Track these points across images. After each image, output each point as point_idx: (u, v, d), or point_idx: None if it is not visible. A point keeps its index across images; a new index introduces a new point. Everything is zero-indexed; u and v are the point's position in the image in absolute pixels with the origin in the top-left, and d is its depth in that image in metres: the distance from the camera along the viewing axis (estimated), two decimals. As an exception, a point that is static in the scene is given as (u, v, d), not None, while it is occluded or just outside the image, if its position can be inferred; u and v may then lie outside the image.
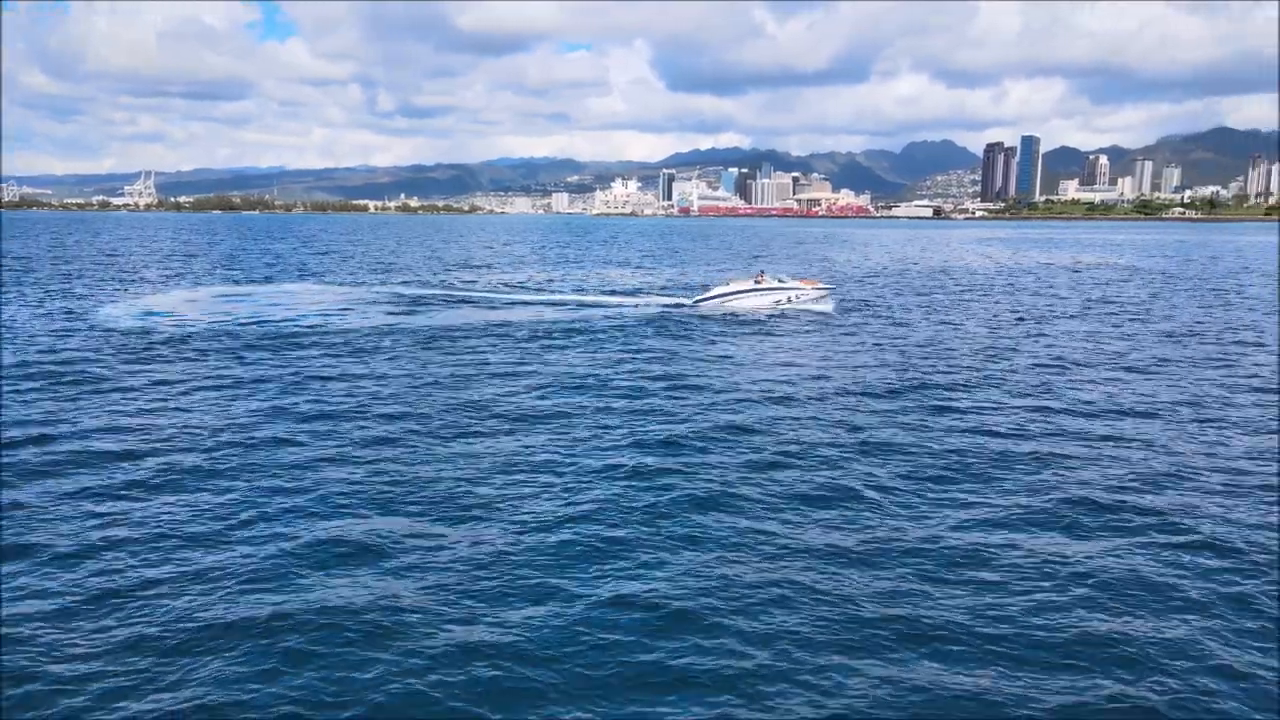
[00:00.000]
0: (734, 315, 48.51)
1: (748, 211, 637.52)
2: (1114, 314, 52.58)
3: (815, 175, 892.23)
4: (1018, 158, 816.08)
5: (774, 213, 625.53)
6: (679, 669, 11.74)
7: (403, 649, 12.07)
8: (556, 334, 41.46)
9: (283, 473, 19.49)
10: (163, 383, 28.90)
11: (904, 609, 13.35)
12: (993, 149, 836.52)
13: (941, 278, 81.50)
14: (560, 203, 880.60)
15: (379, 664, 11.73)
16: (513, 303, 55.94)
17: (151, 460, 20.23)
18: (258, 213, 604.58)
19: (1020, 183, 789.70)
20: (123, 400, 26.40)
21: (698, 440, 22.43)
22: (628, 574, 14.52)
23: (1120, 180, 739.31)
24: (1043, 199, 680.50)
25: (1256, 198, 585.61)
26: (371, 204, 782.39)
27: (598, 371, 31.73)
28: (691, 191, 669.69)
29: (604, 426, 23.87)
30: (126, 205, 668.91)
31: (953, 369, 33.00)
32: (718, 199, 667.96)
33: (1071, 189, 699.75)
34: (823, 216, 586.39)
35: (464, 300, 56.63)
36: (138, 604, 13.27)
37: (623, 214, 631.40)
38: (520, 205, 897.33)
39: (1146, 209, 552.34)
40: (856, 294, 63.10)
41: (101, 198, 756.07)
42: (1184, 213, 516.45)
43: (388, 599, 13.43)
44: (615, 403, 26.79)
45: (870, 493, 18.56)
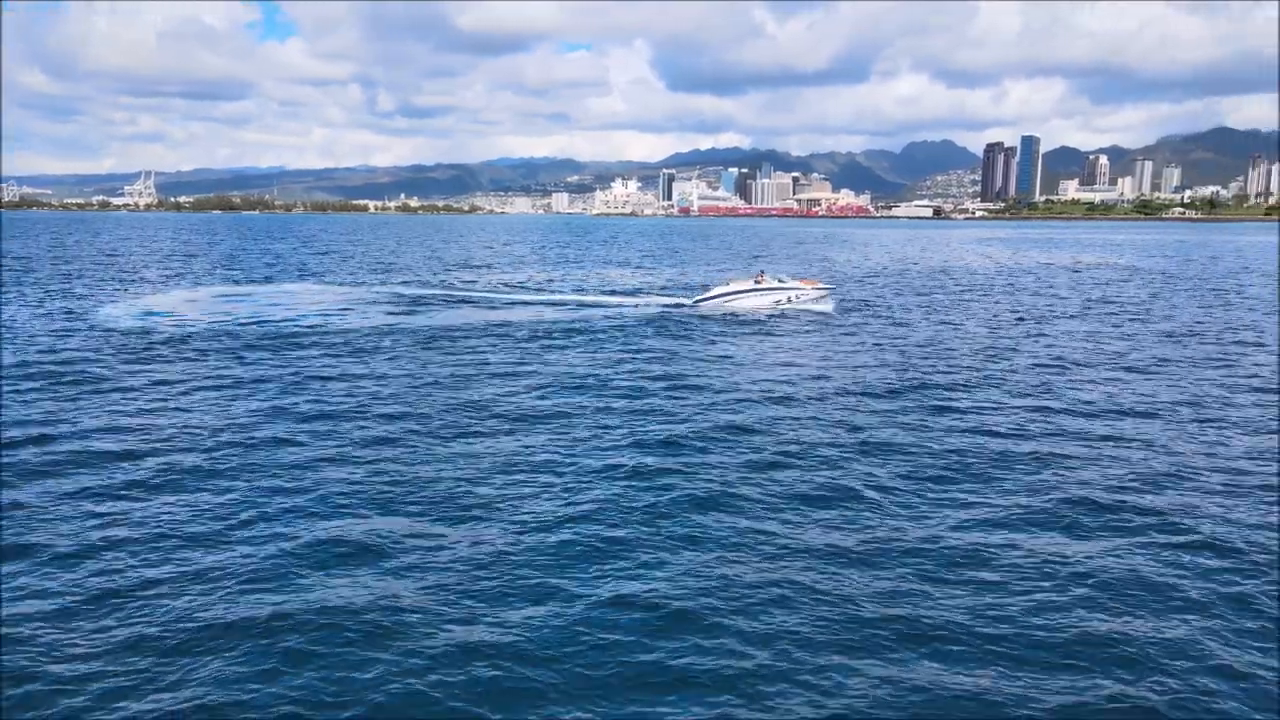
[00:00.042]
0: (734, 315, 48.51)
1: (748, 211, 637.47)
2: (1114, 314, 52.58)
3: (815, 175, 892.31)
4: (1018, 158, 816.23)
5: (774, 213, 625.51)
6: (679, 669, 11.75)
7: (403, 649, 12.07)
8: (556, 334, 41.46)
9: (283, 473, 19.49)
10: (163, 383, 28.91)
11: (904, 609, 13.35)
12: (993, 149, 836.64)
13: (941, 278, 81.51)
14: (560, 203, 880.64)
15: (379, 664, 11.73)
16: (513, 303, 55.94)
17: (151, 460, 20.24)
18: (258, 213, 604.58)
19: (1020, 183, 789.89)
20: (123, 400, 26.41)
21: (698, 440, 22.43)
22: (628, 574, 14.52)
23: (1120, 180, 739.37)
24: (1043, 199, 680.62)
25: (1256, 198, 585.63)
26: (371, 204, 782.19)
27: (598, 371, 31.73)
28: (691, 191, 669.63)
29: (604, 426, 23.87)
30: (126, 205, 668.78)
31: (953, 369, 33.00)
32: (718, 199, 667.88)
33: (1071, 189, 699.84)
34: (823, 216, 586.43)
35: (464, 300, 56.64)
36: (138, 604, 13.27)
37: (623, 214, 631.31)
38: (520, 205, 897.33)
39: (1146, 209, 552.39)
40: (856, 294, 63.09)
41: (101, 198, 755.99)
42: (1184, 213, 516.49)
43: (388, 599, 13.44)
44: (615, 403, 26.79)
45: (870, 493, 18.57)
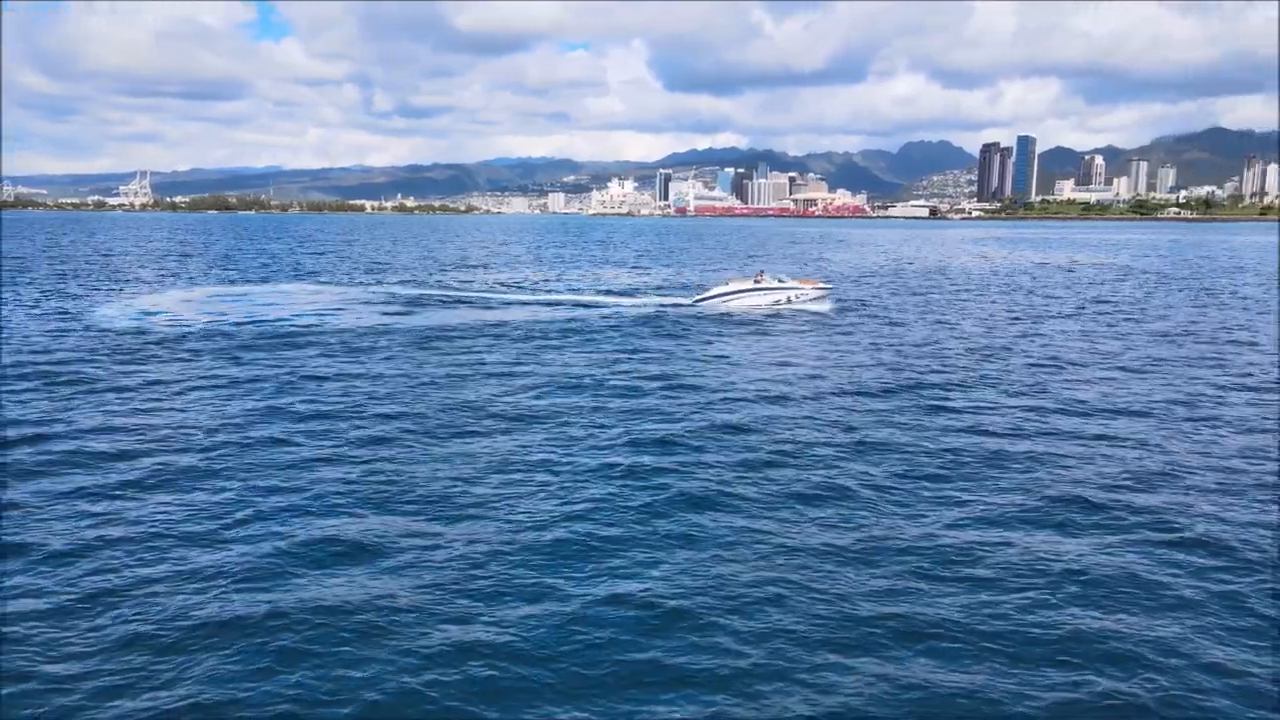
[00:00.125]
0: (732, 315, 48.54)
1: (744, 211, 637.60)
2: (1109, 314, 52.70)
3: (812, 175, 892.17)
4: (1014, 158, 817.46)
5: (770, 213, 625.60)
6: (674, 668, 11.76)
7: (398, 648, 12.08)
8: (552, 334, 41.45)
9: (278, 472, 19.48)
10: (158, 382, 28.87)
11: (899, 607, 13.38)
12: (989, 149, 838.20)
13: (938, 277, 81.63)
14: (557, 203, 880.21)
15: (374, 663, 11.74)
16: (509, 302, 55.91)
17: (146, 460, 20.21)
18: (253, 213, 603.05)
19: (1016, 183, 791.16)
20: (118, 400, 26.37)
21: (693, 439, 22.45)
22: (623, 573, 14.54)
23: (1116, 180, 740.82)
24: (1039, 199, 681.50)
25: (1251, 198, 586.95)
26: (368, 204, 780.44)
27: (593, 371, 31.74)
28: (688, 191, 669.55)
29: (600, 425, 23.89)
30: (122, 205, 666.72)
31: (948, 368, 33.07)
32: (714, 199, 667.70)
33: (1067, 189, 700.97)
34: (819, 216, 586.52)
35: (460, 300, 56.61)
36: (132, 603, 13.26)
37: (619, 214, 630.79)
38: (517, 205, 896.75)
39: (1142, 209, 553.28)
40: (853, 294, 63.16)
41: (97, 198, 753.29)
42: (1179, 213, 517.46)
43: (383, 598, 13.44)
44: (611, 402, 26.81)
45: (865, 491, 18.60)
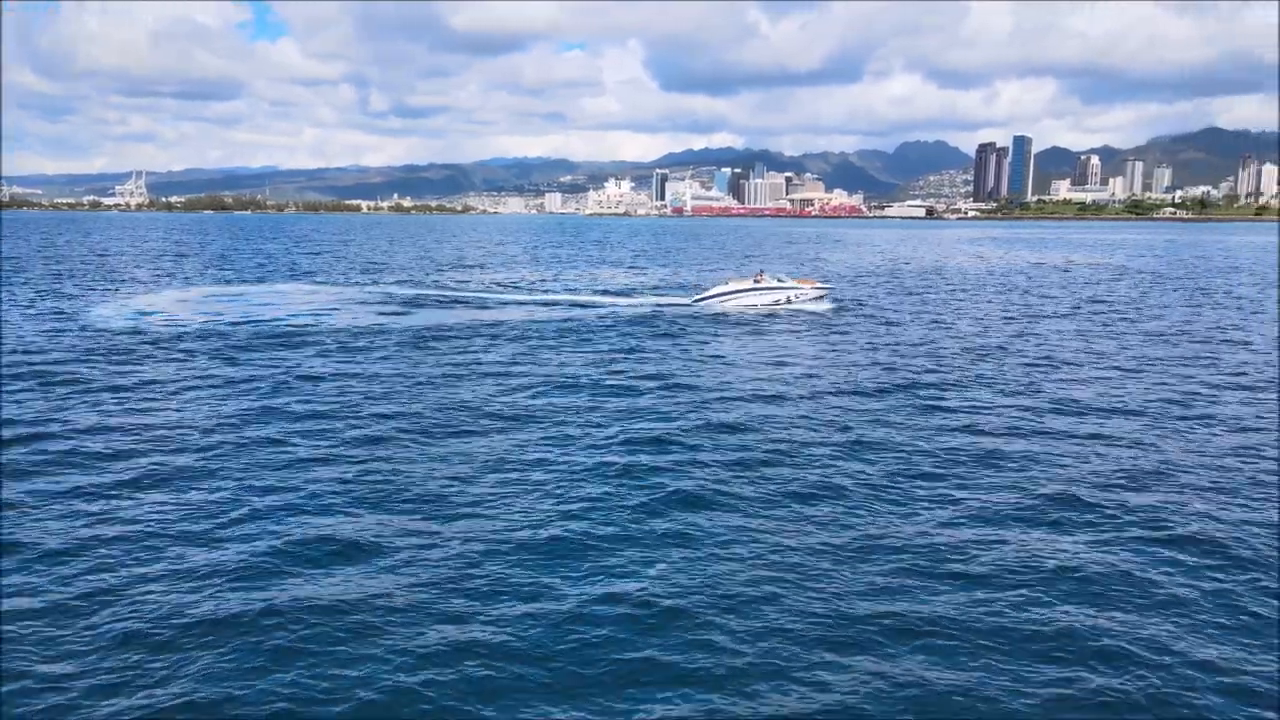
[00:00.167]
0: (731, 315, 48.58)
1: (741, 211, 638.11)
2: (1104, 313, 52.84)
3: (808, 175, 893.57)
4: (1010, 158, 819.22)
5: (767, 213, 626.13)
6: (670, 666, 11.80)
7: (393, 646, 12.10)
8: (549, 334, 41.47)
9: (274, 471, 19.49)
10: (153, 382, 28.85)
11: (894, 605, 13.43)
12: (985, 149, 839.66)
13: (934, 277, 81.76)
14: (553, 203, 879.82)
15: (370, 661, 11.75)
16: (505, 302, 55.90)
17: (142, 460, 20.21)
18: (249, 213, 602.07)
19: (1012, 183, 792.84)
20: (113, 400, 26.34)
21: (689, 439, 22.49)
22: (619, 571, 14.57)
23: (1111, 180, 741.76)
24: (1034, 199, 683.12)
25: (1247, 198, 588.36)
26: (364, 204, 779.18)
27: (590, 371, 31.76)
28: (685, 191, 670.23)
29: (596, 425, 23.91)
30: (117, 205, 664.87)
31: (944, 368, 33.15)
32: (711, 199, 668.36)
33: (1063, 189, 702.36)
34: (816, 216, 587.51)
35: (456, 300, 56.59)
36: (128, 601, 13.27)
37: (616, 214, 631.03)
38: (513, 205, 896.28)
39: (1138, 209, 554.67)
40: (849, 293, 63.24)
41: (92, 198, 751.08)
42: (1175, 213, 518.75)
43: (379, 597, 13.46)
44: (607, 402, 26.83)
45: (861, 490, 18.65)
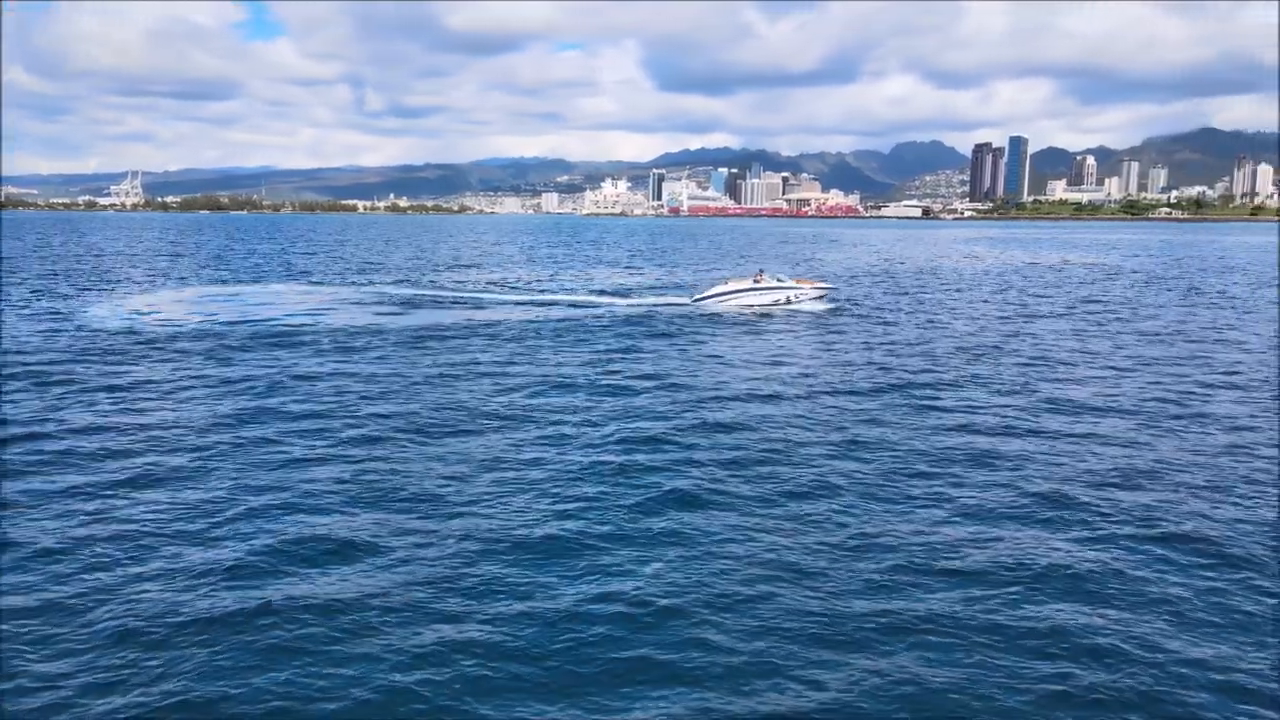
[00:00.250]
0: (730, 314, 48.62)
1: (737, 211, 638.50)
2: (1099, 313, 52.96)
3: (805, 175, 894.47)
4: (1005, 158, 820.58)
5: (763, 213, 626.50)
6: (666, 664, 11.81)
7: (389, 645, 12.10)
8: (545, 334, 41.47)
9: (269, 471, 19.47)
10: (149, 382, 28.81)
11: (889, 603, 13.46)
12: (981, 149, 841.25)
13: (930, 277, 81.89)
14: (550, 203, 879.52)
15: (365, 660, 11.75)
16: (502, 302, 55.90)
17: (138, 459, 20.18)
18: (245, 213, 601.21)
19: (1008, 183, 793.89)
20: (109, 400, 26.30)
21: (685, 438, 22.51)
22: (615, 570, 14.58)
23: (1107, 180, 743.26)
24: (1030, 199, 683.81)
25: (1242, 198, 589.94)
26: (360, 204, 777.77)
27: (586, 370, 31.78)
28: (681, 191, 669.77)
29: (592, 424, 23.93)
30: (113, 205, 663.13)
31: (939, 367, 33.21)
32: (707, 199, 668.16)
33: (1059, 189, 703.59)
34: (812, 216, 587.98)
35: (453, 300, 56.56)
36: (123, 600, 13.25)
37: (612, 214, 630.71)
38: (510, 205, 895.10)
39: (1133, 209, 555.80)
40: (846, 293, 63.32)
41: (88, 198, 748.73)
42: (1170, 213, 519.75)
43: (374, 595, 13.46)
44: (604, 401, 26.85)
45: (856, 489, 18.69)
